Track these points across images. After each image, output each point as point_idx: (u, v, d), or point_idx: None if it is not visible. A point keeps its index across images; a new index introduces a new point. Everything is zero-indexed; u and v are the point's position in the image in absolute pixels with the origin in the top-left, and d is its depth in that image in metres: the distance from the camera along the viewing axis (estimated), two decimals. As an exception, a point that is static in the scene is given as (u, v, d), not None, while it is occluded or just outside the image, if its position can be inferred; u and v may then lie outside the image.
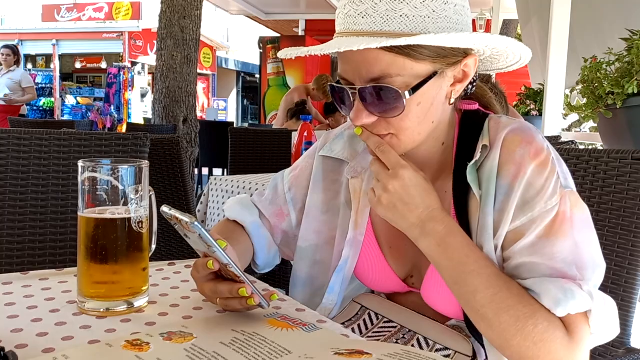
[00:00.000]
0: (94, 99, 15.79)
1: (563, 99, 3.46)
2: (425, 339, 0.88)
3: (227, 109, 18.00)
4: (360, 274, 1.01)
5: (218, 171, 5.94)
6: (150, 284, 0.82)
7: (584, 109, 2.02)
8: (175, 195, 1.84)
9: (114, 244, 0.76)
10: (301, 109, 4.30)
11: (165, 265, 0.99)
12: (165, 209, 0.73)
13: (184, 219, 0.70)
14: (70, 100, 15.78)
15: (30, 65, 16.93)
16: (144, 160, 0.79)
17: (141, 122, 9.18)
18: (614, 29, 3.14)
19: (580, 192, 0.85)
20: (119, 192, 0.76)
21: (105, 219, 0.76)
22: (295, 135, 2.49)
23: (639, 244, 1.14)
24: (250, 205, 1.09)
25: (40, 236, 1.43)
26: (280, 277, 1.86)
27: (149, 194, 0.80)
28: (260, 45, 10.42)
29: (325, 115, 4.90)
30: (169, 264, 1.00)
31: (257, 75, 12.53)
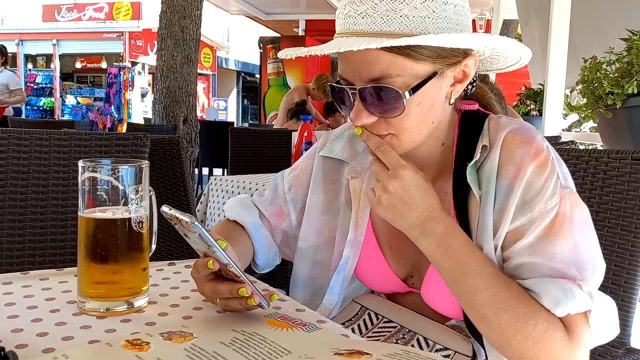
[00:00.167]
0: (94, 99, 15.82)
1: (563, 99, 3.46)
2: (425, 339, 0.88)
3: (227, 108, 18.00)
4: (360, 274, 1.01)
5: (218, 171, 5.94)
6: (150, 284, 0.82)
7: (583, 109, 2.02)
8: (175, 195, 1.84)
9: (114, 244, 0.76)
10: (301, 109, 4.30)
11: (165, 265, 0.99)
12: (165, 209, 0.73)
13: (184, 218, 0.70)
14: (71, 100, 15.80)
15: (30, 65, 16.95)
16: (144, 160, 0.79)
17: (141, 122, 9.18)
18: (614, 29, 3.14)
19: (580, 192, 0.85)
20: (119, 192, 0.76)
21: (106, 219, 0.76)
22: (295, 135, 2.48)
23: (639, 244, 1.14)
24: (250, 205, 1.09)
25: (40, 236, 1.43)
26: (280, 277, 1.86)
27: (149, 194, 0.80)
28: (260, 45, 10.42)
29: (325, 115, 4.91)
30: (169, 264, 1.00)
31: (257, 75, 12.53)
